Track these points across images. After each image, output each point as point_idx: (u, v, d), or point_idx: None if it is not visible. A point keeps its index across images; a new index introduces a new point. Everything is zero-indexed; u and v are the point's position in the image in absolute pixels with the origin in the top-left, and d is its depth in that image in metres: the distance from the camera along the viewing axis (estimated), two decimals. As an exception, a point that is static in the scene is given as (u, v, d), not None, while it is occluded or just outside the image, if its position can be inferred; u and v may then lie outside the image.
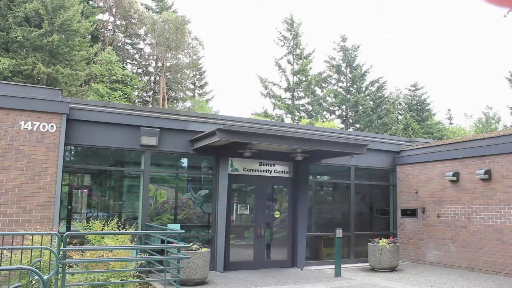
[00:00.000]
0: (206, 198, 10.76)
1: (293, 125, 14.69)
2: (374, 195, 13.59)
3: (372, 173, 13.25)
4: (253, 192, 11.47)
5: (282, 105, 34.69)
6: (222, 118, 10.99)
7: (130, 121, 9.62)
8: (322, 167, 12.55)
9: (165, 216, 10.23)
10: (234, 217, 11.07)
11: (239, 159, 10.84)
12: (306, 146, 9.76)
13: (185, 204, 10.56)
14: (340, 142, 10.10)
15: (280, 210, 11.72)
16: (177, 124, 10.13)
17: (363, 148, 10.44)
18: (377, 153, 12.86)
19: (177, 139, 10.14)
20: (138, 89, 34.41)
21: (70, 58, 25.10)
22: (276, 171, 11.47)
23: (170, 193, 10.61)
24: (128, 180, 10.59)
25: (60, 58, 24.60)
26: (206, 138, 9.50)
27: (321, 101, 36.02)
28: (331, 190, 13.28)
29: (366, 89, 37.01)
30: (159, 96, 35.09)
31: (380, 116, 34.28)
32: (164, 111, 10.98)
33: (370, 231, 12.92)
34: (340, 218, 12.72)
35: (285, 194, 11.94)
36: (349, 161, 12.45)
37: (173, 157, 10.67)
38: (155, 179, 10.26)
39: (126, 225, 9.31)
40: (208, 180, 10.92)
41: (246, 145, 9.61)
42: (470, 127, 40.10)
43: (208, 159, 10.93)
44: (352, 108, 35.83)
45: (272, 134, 9.20)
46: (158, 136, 9.78)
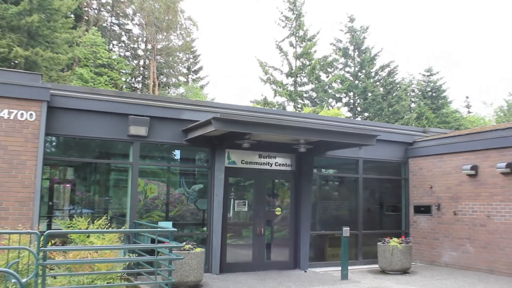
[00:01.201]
0: (200, 193, 10.74)
1: (296, 114, 14.65)
2: (384, 190, 13.60)
3: (382, 166, 13.24)
4: (252, 187, 11.47)
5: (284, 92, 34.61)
6: (218, 106, 10.95)
7: (117, 109, 9.57)
8: (327, 159, 12.52)
9: (156, 213, 10.22)
10: (231, 214, 11.07)
11: (237, 150, 10.82)
12: (310, 137, 9.74)
13: (178, 200, 10.54)
14: (347, 132, 10.07)
15: (282, 207, 11.72)
16: (168, 112, 10.10)
17: (373, 139, 10.41)
18: (387, 144, 12.84)
19: (169, 129, 10.11)
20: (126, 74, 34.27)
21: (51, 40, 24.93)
22: (277, 164, 11.45)
23: (161, 188, 10.58)
24: (115, 173, 10.57)
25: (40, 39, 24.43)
26: (201, 128, 9.47)
27: (327, 88, 35.93)
28: (337, 185, 13.28)
29: (376, 75, 36.89)
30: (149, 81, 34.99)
31: (391, 104, 34.23)
32: (154, 98, 10.94)
33: (380, 229, 12.94)
34: (347, 215, 12.73)
35: (287, 189, 11.93)
36: (357, 153, 12.42)
37: (164, 148, 10.63)
38: (144, 173, 10.23)
39: (113, 223, 9.29)
40: (202, 173, 10.89)
41: (244, 135, 9.58)
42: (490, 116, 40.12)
43: (202, 151, 10.89)
44: (360, 95, 35.76)
45: (273, 124, 9.17)
46: (148, 125, 9.75)
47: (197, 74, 41.73)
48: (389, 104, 34.30)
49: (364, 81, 35.62)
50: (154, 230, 8.11)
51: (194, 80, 41.24)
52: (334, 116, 18.37)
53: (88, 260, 7.01)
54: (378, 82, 36.69)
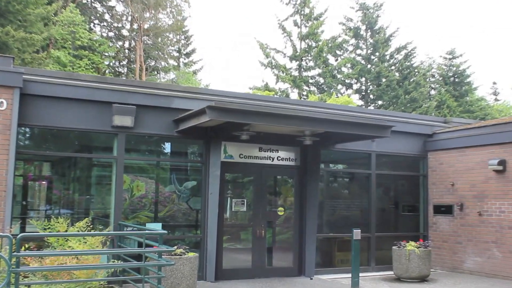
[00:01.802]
0: (193, 191, 10.75)
1: (301, 102, 14.64)
2: (400, 188, 13.60)
3: (398, 160, 13.25)
4: (251, 184, 11.47)
5: (287, 77, 34.57)
6: (213, 93, 10.94)
7: (99, 96, 9.56)
8: (336, 153, 12.53)
9: (143, 213, 10.24)
10: (228, 215, 11.08)
11: (235, 143, 10.82)
12: (317, 128, 9.74)
13: (168, 199, 10.56)
14: (358, 122, 10.08)
15: (285, 206, 11.74)
16: (157, 100, 10.09)
17: (387, 130, 10.41)
18: (404, 136, 12.84)
19: (158, 119, 10.11)
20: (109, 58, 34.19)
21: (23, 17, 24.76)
22: (279, 158, 11.46)
23: (149, 186, 10.60)
24: (98, 169, 10.57)
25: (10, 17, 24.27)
26: (194, 118, 9.47)
27: (335, 72, 35.89)
28: (347, 182, 13.29)
29: (391, 58, 36.83)
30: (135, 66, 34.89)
31: (408, 91, 34.20)
32: (141, 84, 10.94)
33: (395, 232, 12.96)
34: (358, 216, 12.76)
35: (290, 187, 11.95)
36: (369, 146, 12.44)
37: (153, 141, 10.62)
38: (130, 168, 10.22)
39: (96, 224, 9.34)
40: (196, 169, 10.88)
41: (242, 126, 9.58)
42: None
43: (196, 144, 10.88)
44: (373, 80, 35.71)
45: (275, 113, 9.16)
46: (134, 115, 9.74)
47: (189, 58, 41.62)
48: (406, 91, 34.27)
49: (377, 65, 35.56)
50: (141, 232, 8.12)
51: (186, 64, 41.12)
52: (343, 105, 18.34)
53: (67, 267, 7.02)
54: (393, 66, 36.62)
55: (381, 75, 35.04)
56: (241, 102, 10.39)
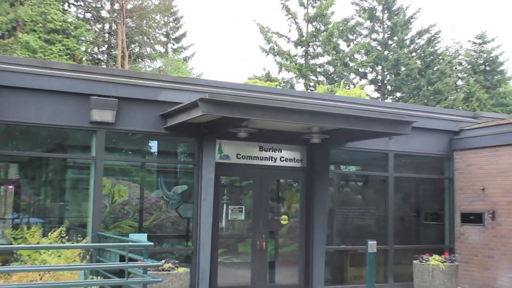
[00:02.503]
0: (184, 197, 10.76)
1: (308, 94, 14.62)
2: (421, 193, 13.61)
3: (419, 161, 13.24)
4: (250, 189, 11.48)
5: (292, 66, 34.56)
6: (206, 84, 10.95)
7: (75, 87, 9.55)
8: (347, 153, 12.53)
9: (126, 222, 10.24)
10: (224, 224, 11.11)
11: (231, 142, 10.84)
12: (326, 124, 9.72)
13: (155, 206, 10.57)
14: (373, 117, 10.05)
15: (289, 214, 11.76)
16: (142, 92, 10.09)
17: (407, 127, 10.38)
18: (426, 133, 12.83)
19: (143, 114, 10.11)
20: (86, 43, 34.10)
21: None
22: (283, 159, 11.48)
23: (133, 190, 10.59)
24: (73, 171, 10.56)
25: (-30, -4, 24.23)
26: (184, 112, 9.46)
27: (347, 60, 35.88)
28: (360, 186, 13.32)
29: (412, 43, 36.85)
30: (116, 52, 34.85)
31: (432, 81, 34.21)
32: (124, 73, 10.95)
33: (417, 244, 12.98)
34: (373, 226, 12.77)
35: (295, 192, 11.97)
36: (386, 145, 12.42)
37: (137, 139, 10.62)
38: (111, 171, 10.23)
39: (71, 235, 9.29)
40: (187, 171, 10.90)
41: (240, 121, 9.58)
42: None
43: (187, 142, 10.89)
44: (391, 69, 35.71)
45: (278, 107, 9.15)
46: (116, 109, 9.74)
47: (179, 43, 41.54)
48: (429, 82, 34.27)
49: (395, 52, 35.57)
50: (124, 244, 8.12)
51: (175, 50, 41.03)
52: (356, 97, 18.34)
53: (39, 284, 7.00)
54: (414, 52, 36.63)
55: (400, 63, 35.04)
56: (239, 94, 10.38)
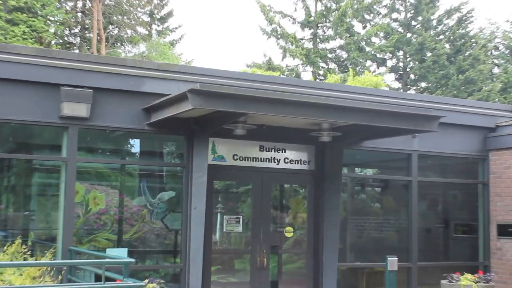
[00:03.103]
0: (171, 205, 10.78)
1: (316, 84, 14.55)
2: (450, 200, 13.65)
3: (448, 163, 13.25)
4: (249, 196, 11.52)
5: (298, 51, 34.52)
6: (197, 72, 10.93)
7: (42, 76, 9.49)
8: (363, 153, 12.52)
9: (103, 235, 10.18)
10: (219, 237, 11.15)
11: (227, 140, 10.82)
12: (338, 119, 9.68)
13: (137, 216, 10.53)
14: (394, 112, 10.00)
15: (295, 225, 11.76)
16: (122, 81, 10.03)
17: (433, 122, 10.34)
18: (456, 130, 12.75)
19: (123, 107, 10.08)
20: (56, 24, 33.94)
21: None
22: (287, 160, 11.44)
23: (111, 197, 10.57)
24: (40, 175, 10.61)
25: None
26: (172, 106, 9.42)
27: (363, 44, 35.82)
28: (378, 192, 13.36)
29: (439, 24, 36.75)
30: (91, 35, 34.75)
31: (462, 69, 34.13)
32: (100, 60, 10.99)
33: (445, 260, 13.00)
34: (394, 239, 12.78)
35: (302, 199, 11.99)
36: (409, 144, 12.37)
37: (116, 137, 10.64)
38: (86, 174, 10.26)
39: (37, 250, 9.28)
40: (174, 175, 10.95)
41: (238, 116, 9.48)
42: None
43: (174, 141, 10.97)
44: (414, 55, 35.64)
45: (281, 99, 9.10)
46: (91, 101, 9.66)
47: (164, 24, 41.47)
48: (459, 70, 34.19)
49: (420, 34, 35.48)
50: (100, 261, 7.99)
51: (160, 32, 40.95)
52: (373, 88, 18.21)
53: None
54: (442, 35, 36.52)
55: (425, 47, 34.94)
56: (235, 85, 10.29)
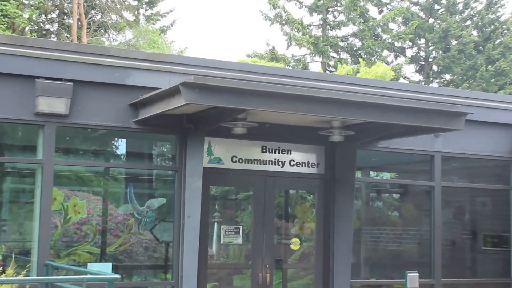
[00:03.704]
0: (161, 213, 10.75)
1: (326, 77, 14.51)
2: (479, 208, 13.62)
3: (476, 166, 13.20)
4: (250, 203, 11.51)
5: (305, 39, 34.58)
6: (191, 62, 10.89)
7: (15, 67, 9.47)
8: (379, 155, 12.54)
9: (84, 248, 10.15)
10: (215, 250, 11.12)
11: (225, 140, 10.83)
12: (351, 116, 9.67)
13: (122, 226, 10.50)
14: (415, 108, 10.00)
15: (301, 237, 11.77)
16: (106, 73, 10.02)
17: (459, 120, 10.32)
18: (485, 128, 12.74)
19: (107, 103, 10.06)
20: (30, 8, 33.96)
21: None
22: (293, 162, 11.43)
23: (93, 205, 10.57)
24: (12, 180, 10.58)
25: None
26: (162, 101, 9.40)
27: (379, 31, 35.82)
28: (396, 199, 13.38)
29: (466, 7, 36.71)
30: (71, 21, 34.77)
31: (492, 59, 34.10)
32: (81, 49, 10.86)
33: (473, 277, 12.98)
34: (414, 252, 12.78)
35: (310, 207, 11.99)
36: (431, 145, 12.37)
37: (98, 136, 10.62)
38: (64, 179, 10.25)
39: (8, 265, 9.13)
40: (165, 179, 10.99)
41: (237, 113, 9.48)
42: None
43: (165, 141, 10.98)
44: (437, 43, 35.63)
45: (287, 93, 9.09)
46: (70, 96, 9.64)
47: (153, 8, 41.58)
48: (489, 60, 34.17)
49: (444, 20, 35.43)
50: (81, 278, 8.05)
51: (149, 18, 41.01)
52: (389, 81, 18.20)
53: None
54: (469, 20, 36.48)
55: (449, 35, 34.93)
56: (234, 77, 10.27)
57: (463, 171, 13.09)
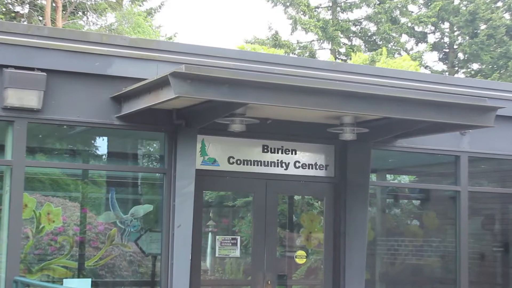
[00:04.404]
0: (148, 222, 10.79)
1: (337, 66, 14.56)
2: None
3: (509, 168, 13.25)
4: (249, 210, 11.59)
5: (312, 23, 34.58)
6: (182, 50, 10.91)
7: None
8: (397, 155, 12.64)
9: (60, 261, 10.16)
10: (209, 264, 11.21)
11: (220, 139, 10.89)
12: (365, 111, 9.70)
13: (103, 236, 10.52)
14: (438, 102, 9.98)
15: (308, 249, 11.83)
16: (84, 62, 10.03)
17: (488, 115, 10.31)
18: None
19: (86, 96, 10.08)
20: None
21: None
22: (299, 164, 11.49)
23: (69, 213, 10.59)
24: None
25: None
26: (149, 94, 9.42)
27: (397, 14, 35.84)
28: (417, 207, 13.37)
29: (496, -13, 36.74)
30: (44, 1, 34.77)
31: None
32: (56, 34, 10.79)
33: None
34: (436, 267, 12.82)
35: (317, 215, 12.04)
36: (457, 144, 12.42)
37: (76, 134, 10.64)
38: (37, 182, 10.26)
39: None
40: (152, 183, 10.99)
41: (235, 107, 9.49)
42: None
43: (152, 139, 11.04)
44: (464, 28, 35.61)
45: (291, 85, 9.10)
46: (44, 88, 9.66)
47: (139, -12, 41.58)
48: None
49: (471, 1, 35.44)
50: None
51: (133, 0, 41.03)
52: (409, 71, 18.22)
53: None
54: (500, 1, 36.47)
55: (477, 18, 34.91)
56: (232, 67, 10.33)
57: (493, 174, 13.11)
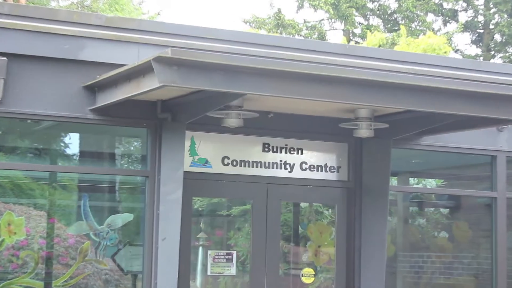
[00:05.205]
0: (127, 234, 10.85)
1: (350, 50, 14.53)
2: None
3: None
4: (246, 220, 11.67)
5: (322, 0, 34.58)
6: (168, 30, 10.95)
7: None
8: (421, 155, 12.78)
9: (22, 280, 10.18)
10: (200, 283, 11.32)
11: (213, 135, 10.97)
12: (385, 103, 9.72)
13: (74, 251, 10.53)
14: (470, 92, 9.99)
15: (316, 266, 11.89)
16: (52, 44, 10.06)
17: (530, 109, 10.40)
18: None
19: (54, 84, 10.11)
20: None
21: None
22: (305, 166, 11.55)
23: (34, 223, 10.59)
24: None
25: None
26: (129, 82, 9.42)
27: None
28: (445, 216, 13.42)
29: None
30: (8, -27, 34.84)
31: None
32: (17, 11, 10.73)
33: None
34: (469, 286, 12.86)
35: (328, 225, 12.11)
36: (492, 141, 12.50)
37: (42, 129, 10.70)
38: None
39: None
40: (132, 188, 11.13)
41: (230, 99, 9.52)
42: None
43: (133, 136, 11.09)
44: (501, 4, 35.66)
45: (297, 72, 9.09)
46: (4, 75, 9.67)
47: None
48: None
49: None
50: None
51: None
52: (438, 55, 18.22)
53: None
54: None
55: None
56: (227, 51, 10.36)
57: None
